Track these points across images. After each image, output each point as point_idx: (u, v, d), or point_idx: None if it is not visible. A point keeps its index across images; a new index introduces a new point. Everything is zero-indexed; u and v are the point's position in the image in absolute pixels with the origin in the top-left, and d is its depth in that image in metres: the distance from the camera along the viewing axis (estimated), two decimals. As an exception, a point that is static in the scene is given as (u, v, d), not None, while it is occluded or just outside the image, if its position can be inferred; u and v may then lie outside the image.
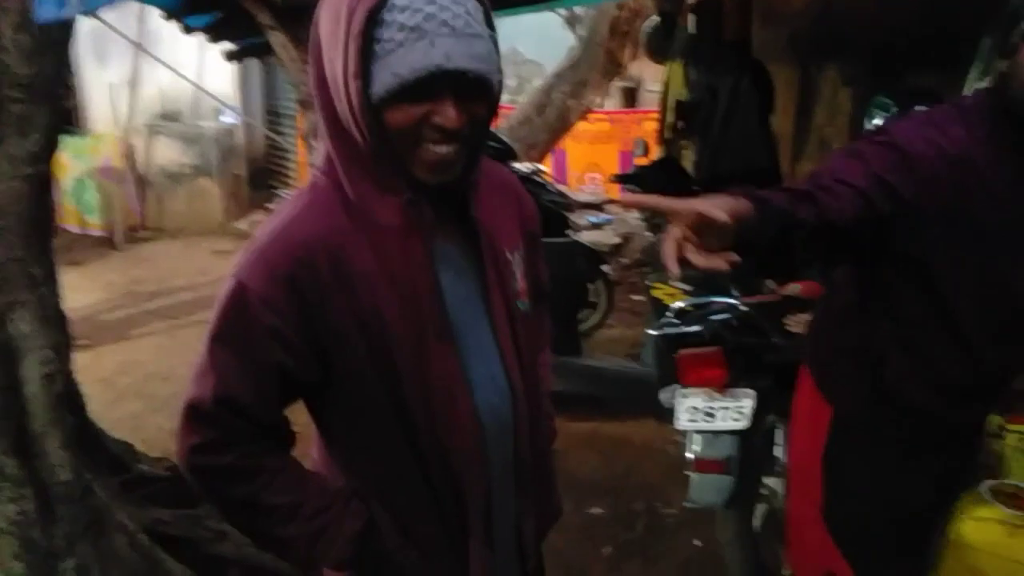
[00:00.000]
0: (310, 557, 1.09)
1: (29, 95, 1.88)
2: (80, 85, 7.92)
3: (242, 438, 1.06)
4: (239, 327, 1.02)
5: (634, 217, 6.88)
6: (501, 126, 8.04)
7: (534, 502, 1.25)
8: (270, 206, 7.92)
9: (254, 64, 7.85)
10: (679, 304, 2.54)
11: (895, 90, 2.82)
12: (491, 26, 1.00)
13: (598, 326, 4.92)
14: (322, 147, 1.07)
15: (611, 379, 3.87)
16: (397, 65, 0.92)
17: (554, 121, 7.21)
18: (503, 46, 1.04)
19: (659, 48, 5.16)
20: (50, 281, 2.13)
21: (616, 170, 7.71)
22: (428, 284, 1.06)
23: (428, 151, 0.98)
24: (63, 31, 1.90)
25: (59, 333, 2.11)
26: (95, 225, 7.76)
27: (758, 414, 2.31)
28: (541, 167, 5.43)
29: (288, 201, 1.10)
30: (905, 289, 1.43)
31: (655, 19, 5.49)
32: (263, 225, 1.08)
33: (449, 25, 0.92)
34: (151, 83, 7.87)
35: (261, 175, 8.80)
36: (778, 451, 2.37)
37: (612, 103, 9.82)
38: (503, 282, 1.15)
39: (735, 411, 2.30)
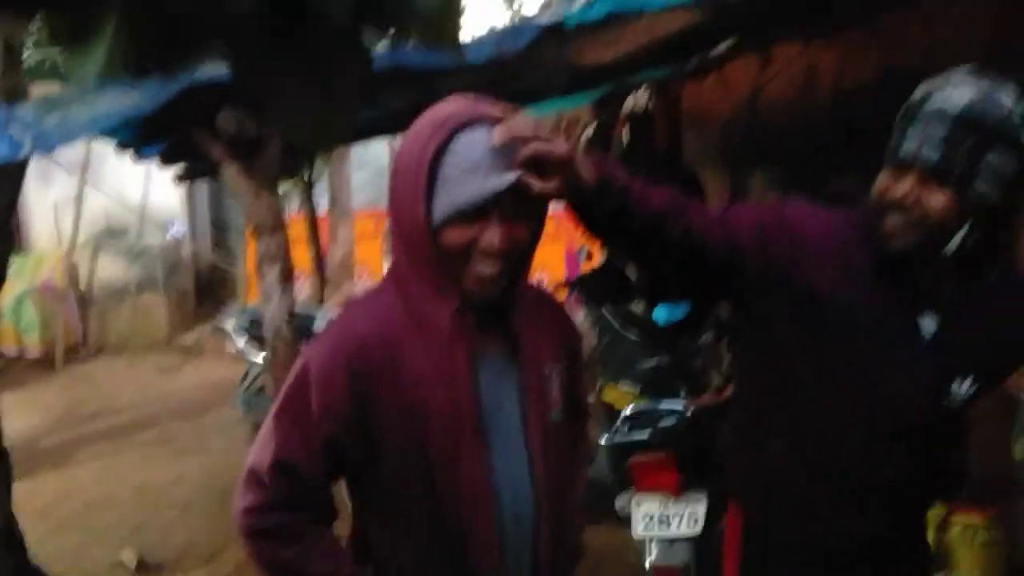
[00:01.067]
0: None
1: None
2: (23, 204, 7.85)
3: (293, 503, 1.18)
4: (301, 402, 1.15)
5: (580, 319, 6.96)
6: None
7: None
8: (216, 321, 7.83)
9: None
10: (627, 411, 2.58)
11: (814, 192, 3.00)
12: None
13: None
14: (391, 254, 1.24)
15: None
16: (455, 198, 1.09)
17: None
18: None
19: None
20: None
21: (563, 270, 7.89)
22: (468, 386, 1.17)
23: (476, 269, 1.13)
24: (18, 167, 1.94)
25: (-3, 471, 2.04)
26: (33, 345, 7.55)
27: (711, 517, 2.32)
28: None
29: (358, 298, 1.32)
30: (766, 366, 1.48)
31: (591, 129, 5.75)
32: (336, 317, 1.30)
33: (500, 162, 1.08)
34: (96, 199, 7.85)
35: (208, 289, 8.73)
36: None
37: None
38: (540, 392, 1.25)
39: (689, 517, 2.32)
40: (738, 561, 1.57)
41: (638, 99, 5.56)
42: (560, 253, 9.07)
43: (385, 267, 1.25)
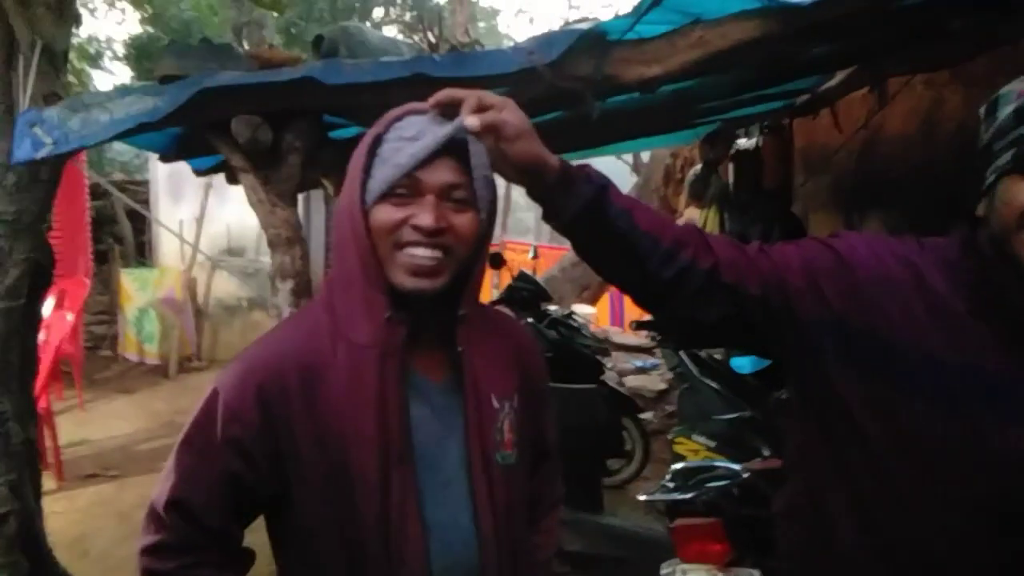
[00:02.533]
0: None
1: (10, 231, 1.91)
2: (151, 222, 8.39)
3: (190, 546, 1.06)
4: (204, 433, 1.05)
5: (658, 364, 6.64)
6: (553, 268, 8.10)
7: None
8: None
9: (318, 198, 8.21)
10: (677, 465, 2.33)
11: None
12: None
13: (633, 477, 4.64)
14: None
15: (630, 540, 3.57)
16: (387, 170, 1.02)
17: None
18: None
19: (698, 194, 5.15)
20: (22, 417, 2.09)
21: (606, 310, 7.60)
22: (397, 409, 1.05)
23: (406, 255, 1.03)
24: (51, 170, 1.96)
25: (19, 470, 2.04)
26: (152, 355, 7.99)
27: (767, 597, 2.03)
28: (578, 310, 5.34)
29: (281, 322, 1.19)
30: (828, 434, 1.19)
31: (699, 167, 5.53)
32: (256, 340, 1.14)
33: (437, 135, 1.02)
34: (219, 220, 8.28)
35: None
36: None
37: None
38: (484, 429, 1.11)
39: (741, 593, 2.04)
40: None
41: (748, 137, 5.30)
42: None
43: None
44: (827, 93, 4.02)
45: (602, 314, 8.50)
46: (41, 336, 4.70)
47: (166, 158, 2.33)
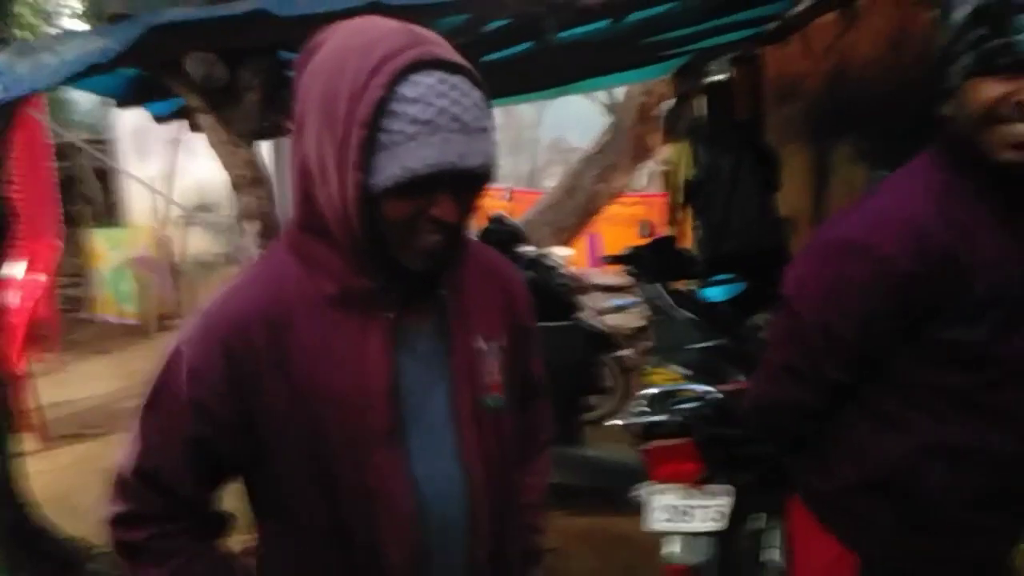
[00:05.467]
0: None
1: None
2: (121, 179, 8.24)
3: (159, 515, 1.01)
4: (166, 395, 0.99)
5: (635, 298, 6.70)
6: (530, 211, 8.07)
7: None
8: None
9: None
10: (651, 390, 2.36)
11: (899, 164, 2.68)
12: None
13: (612, 413, 4.71)
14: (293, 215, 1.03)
15: (611, 471, 3.64)
16: (408, 159, 0.88)
17: (583, 205, 7.22)
18: (552, 135, 1.04)
19: (671, 128, 5.13)
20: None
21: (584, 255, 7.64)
22: (382, 373, 0.99)
23: (422, 241, 0.94)
24: (2, 121, 1.91)
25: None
26: (130, 314, 7.94)
27: (738, 514, 2.09)
28: (555, 252, 5.34)
29: (240, 271, 1.09)
30: (944, 376, 1.23)
31: (672, 102, 5.49)
32: (213, 293, 1.04)
33: (460, 120, 0.89)
34: (189, 176, 8.15)
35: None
36: (772, 555, 2.14)
37: (650, 186, 9.81)
38: (471, 372, 1.06)
39: (714, 511, 2.10)
40: None
41: (718, 68, 5.25)
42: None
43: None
44: (796, 18, 3.98)
45: (580, 256, 8.51)
46: (15, 299, 4.67)
47: (123, 103, 2.27)
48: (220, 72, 1.87)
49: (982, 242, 1.17)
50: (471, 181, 0.94)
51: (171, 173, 7.93)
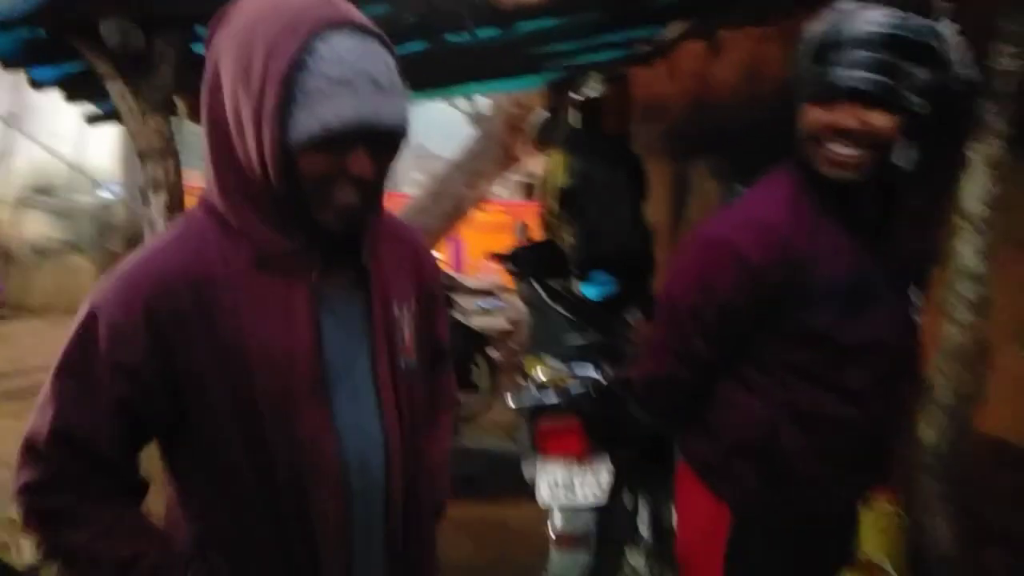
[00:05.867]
0: None
1: None
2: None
3: (78, 479, 0.99)
4: (84, 357, 0.97)
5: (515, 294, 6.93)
6: (396, 214, 8.08)
7: (406, 573, 1.15)
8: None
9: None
10: (541, 377, 2.50)
11: (751, 181, 2.97)
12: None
13: (482, 408, 4.83)
14: (208, 179, 1.02)
15: (485, 459, 3.77)
16: (324, 114, 0.91)
17: (449, 209, 7.32)
18: (412, 140, 1.06)
19: (545, 138, 5.33)
20: None
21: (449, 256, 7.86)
22: (307, 330, 1.01)
23: (339, 198, 0.96)
24: None
25: None
26: (-51, 303, 7.22)
27: (617, 487, 2.26)
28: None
29: (160, 234, 1.07)
30: (791, 352, 1.43)
31: (544, 113, 5.71)
32: (130, 254, 1.03)
33: (376, 80, 0.93)
34: (24, 156, 7.52)
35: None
36: (643, 527, 2.32)
37: (511, 196, 10.08)
38: (389, 335, 1.10)
39: (595, 484, 2.26)
40: (723, 559, 1.50)
41: (590, 84, 5.53)
42: (510, 242, 8.95)
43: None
44: (664, 44, 4.30)
45: (444, 260, 8.63)
46: None
47: (8, 63, 2.12)
48: (137, 39, 1.81)
49: (823, 242, 1.38)
50: (387, 140, 0.97)
51: (4, 152, 7.29)
